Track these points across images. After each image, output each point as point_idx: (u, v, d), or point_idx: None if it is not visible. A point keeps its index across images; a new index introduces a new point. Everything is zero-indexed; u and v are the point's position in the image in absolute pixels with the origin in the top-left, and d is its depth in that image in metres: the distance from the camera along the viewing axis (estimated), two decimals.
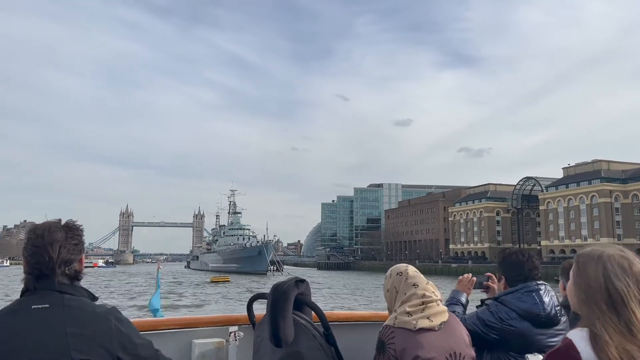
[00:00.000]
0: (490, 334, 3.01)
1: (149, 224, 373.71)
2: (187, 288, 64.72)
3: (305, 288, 2.79)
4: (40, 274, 1.99)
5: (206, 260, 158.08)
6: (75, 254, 2.08)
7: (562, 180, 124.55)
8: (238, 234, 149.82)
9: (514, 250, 3.33)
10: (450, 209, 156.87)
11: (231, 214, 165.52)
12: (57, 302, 1.93)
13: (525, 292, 3.08)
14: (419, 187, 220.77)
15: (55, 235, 2.03)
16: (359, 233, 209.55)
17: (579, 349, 1.55)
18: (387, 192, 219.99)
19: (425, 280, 2.62)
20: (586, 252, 1.74)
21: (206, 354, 3.11)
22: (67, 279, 2.03)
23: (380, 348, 2.46)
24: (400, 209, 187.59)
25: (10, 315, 1.93)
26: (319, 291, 56.26)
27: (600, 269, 1.64)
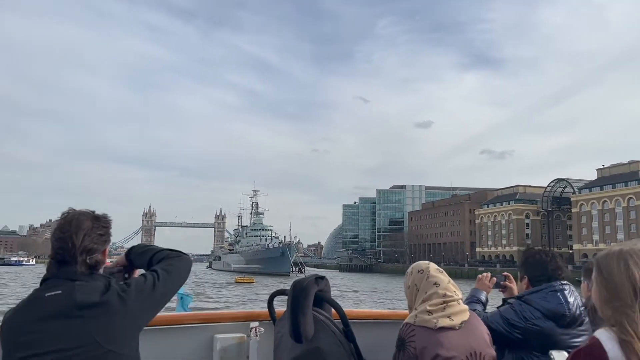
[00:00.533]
0: (514, 333, 3.00)
1: (171, 224, 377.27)
2: (212, 288, 63.55)
3: (325, 285, 2.79)
4: (62, 260, 2.04)
5: (228, 260, 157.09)
6: (100, 244, 2.11)
7: (596, 182, 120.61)
8: (260, 234, 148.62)
9: (537, 249, 3.32)
10: (477, 211, 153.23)
11: (253, 215, 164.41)
12: (68, 289, 1.97)
13: (550, 291, 3.07)
14: (442, 188, 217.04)
15: (82, 223, 2.08)
16: (382, 235, 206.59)
17: (606, 348, 1.54)
18: (410, 193, 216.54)
19: (447, 279, 2.60)
20: (604, 253, 1.73)
21: (227, 349, 3.17)
22: (87, 267, 2.05)
23: (401, 345, 2.47)
24: (424, 210, 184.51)
25: (27, 305, 1.99)
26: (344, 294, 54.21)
27: (622, 265, 1.62)
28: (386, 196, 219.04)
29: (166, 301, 2.18)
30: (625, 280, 1.59)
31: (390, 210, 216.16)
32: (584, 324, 3.05)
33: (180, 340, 3.18)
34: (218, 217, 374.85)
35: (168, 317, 3.25)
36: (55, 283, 2.00)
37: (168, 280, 2.15)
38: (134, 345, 2.05)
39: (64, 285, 1.98)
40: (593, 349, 1.57)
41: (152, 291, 2.08)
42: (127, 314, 2.00)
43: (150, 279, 2.12)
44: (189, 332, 3.20)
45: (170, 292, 2.18)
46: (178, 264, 2.25)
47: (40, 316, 1.92)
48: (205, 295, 51.45)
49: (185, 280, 2.31)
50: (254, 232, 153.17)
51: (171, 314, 3.55)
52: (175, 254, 2.29)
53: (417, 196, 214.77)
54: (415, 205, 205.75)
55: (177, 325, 3.18)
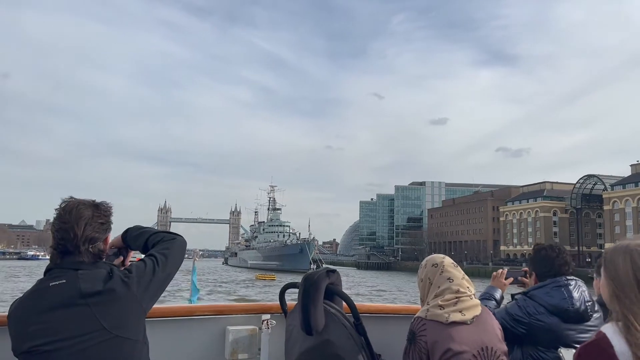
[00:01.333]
0: (519, 328, 3.02)
1: (186, 220, 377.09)
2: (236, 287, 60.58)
3: (336, 278, 2.82)
4: (65, 250, 2.07)
5: (245, 257, 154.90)
6: (101, 232, 2.13)
7: (631, 178, 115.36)
8: (278, 230, 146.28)
9: (545, 245, 3.33)
10: (501, 208, 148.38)
11: (271, 211, 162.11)
12: (72, 277, 2.00)
13: (554, 287, 3.08)
14: (463, 185, 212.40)
15: (82, 212, 2.09)
16: (400, 232, 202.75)
17: (613, 343, 1.55)
18: (429, 190, 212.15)
19: (461, 275, 2.60)
20: (612, 247, 1.74)
21: (239, 341, 3.23)
22: (90, 256, 2.09)
23: (412, 339, 2.48)
24: (444, 208, 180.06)
25: (32, 295, 2.02)
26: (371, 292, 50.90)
27: (629, 260, 1.63)
28: (405, 193, 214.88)
29: (166, 284, 2.22)
30: (631, 275, 1.61)
31: (409, 207, 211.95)
32: (592, 319, 2.99)
33: (193, 331, 3.22)
34: (233, 213, 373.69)
35: (181, 308, 3.36)
36: (58, 273, 2.03)
37: (167, 265, 2.19)
38: (140, 330, 2.10)
39: (68, 275, 2.01)
40: (600, 344, 1.58)
41: (153, 276, 2.12)
42: (131, 300, 2.03)
43: (150, 264, 2.15)
44: (201, 324, 3.25)
45: (170, 275, 2.22)
46: (173, 247, 2.27)
47: (46, 306, 1.95)
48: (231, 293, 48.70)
49: (182, 261, 2.32)
50: (272, 227, 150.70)
51: (184, 305, 3.64)
52: (170, 237, 2.32)
53: (437, 193, 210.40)
54: (435, 202, 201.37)
55: (190, 317, 3.23)
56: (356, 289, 59.69)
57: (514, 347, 2.95)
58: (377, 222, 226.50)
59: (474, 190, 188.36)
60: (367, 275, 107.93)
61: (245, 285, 64.95)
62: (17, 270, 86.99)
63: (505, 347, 2.53)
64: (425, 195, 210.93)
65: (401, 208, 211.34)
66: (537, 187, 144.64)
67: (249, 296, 49.37)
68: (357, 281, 76.92)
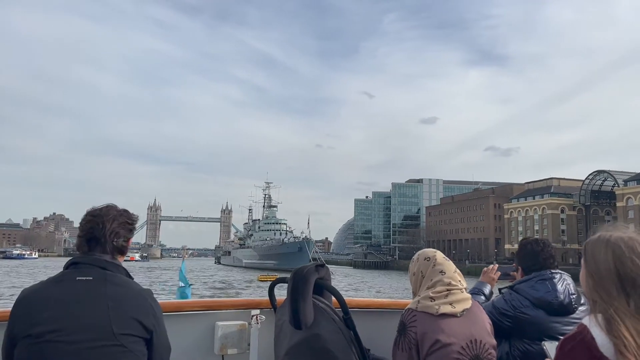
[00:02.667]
0: (505, 321, 3.07)
1: (176, 218, 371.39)
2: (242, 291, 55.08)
3: (325, 273, 2.83)
4: (92, 237, 2.19)
5: (239, 256, 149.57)
6: (126, 231, 2.29)
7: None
8: (274, 228, 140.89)
9: (530, 240, 3.38)
10: (505, 205, 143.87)
11: (266, 208, 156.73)
12: (100, 277, 2.08)
13: (538, 280, 3.14)
14: (461, 183, 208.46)
15: (111, 210, 2.28)
16: (397, 230, 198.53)
17: (594, 335, 1.55)
18: (427, 187, 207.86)
19: (453, 268, 2.62)
20: (594, 238, 1.72)
21: (229, 336, 3.24)
22: (114, 250, 2.22)
23: (402, 330, 2.51)
24: (443, 205, 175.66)
25: (56, 284, 2.07)
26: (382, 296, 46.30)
27: (610, 252, 1.62)
28: (402, 190, 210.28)
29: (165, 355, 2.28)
30: (612, 270, 1.60)
31: (406, 205, 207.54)
32: (577, 311, 3.04)
33: (182, 327, 3.21)
34: (224, 212, 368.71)
35: (170, 304, 3.34)
36: (87, 269, 2.11)
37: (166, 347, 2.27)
38: (144, 350, 2.12)
39: (96, 272, 2.09)
40: (581, 336, 1.58)
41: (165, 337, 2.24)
42: (146, 317, 2.11)
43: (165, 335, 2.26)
44: (190, 319, 3.26)
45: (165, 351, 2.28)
46: None
47: (68, 297, 2.00)
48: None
49: None
50: (267, 225, 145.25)
51: (173, 301, 3.61)
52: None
53: (435, 190, 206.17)
54: (433, 200, 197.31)
55: (179, 312, 3.23)
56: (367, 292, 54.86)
57: (501, 340, 2.93)
58: (373, 220, 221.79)
59: (473, 188, 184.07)
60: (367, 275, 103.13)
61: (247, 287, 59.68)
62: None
63: (494, 341, 2.54)
64: (422, 193, 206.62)
65: (398, 206, 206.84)
66: (544, 183, 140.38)
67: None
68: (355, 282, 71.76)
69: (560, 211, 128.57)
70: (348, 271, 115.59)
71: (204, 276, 75.38)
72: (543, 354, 2.55)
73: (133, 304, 2.08)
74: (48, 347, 1.92)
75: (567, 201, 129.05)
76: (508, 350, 3.07)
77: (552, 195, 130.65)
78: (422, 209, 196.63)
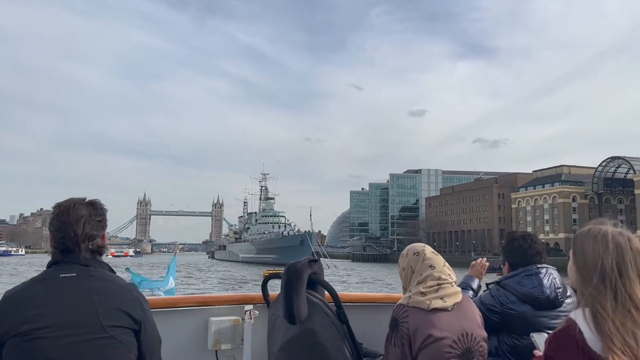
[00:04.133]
0: (492, 317, 3.08)
1: (167, 213, 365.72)
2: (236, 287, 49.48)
3: (319, 268, 2.86)
4: (66, 248, 2.12)
5: (235, 250, 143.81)
6: (99, 230, 2.20)
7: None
8: (273, 221, 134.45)
9: (518, 235, 3.35)
10: (512, 195, 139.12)
11: (263, 200, 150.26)
12: (83, 272, 2.07)
13: (525, 275, 3.15)
14: (460, 173, 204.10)
15: (79, 211, 2.15)
16: (395, 222, 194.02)
17: (582, 329, 1.56)
18: (425, 178, 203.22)
19: (443, 262, 2.64)
20: (584, 232, 1.72)
21: (222, 331, 3.27)
22: (90, 253, 2.16)
23: (394, 326, 2.51)
24: (443, 196, 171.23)
25: (40, 282, 2.06)
26: None
27: (598, 247, 1.62)
28: (400, 181, 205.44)
29: (156, 347, 2.26)
30: (599, 264, 1.60)
31: (405, 196, 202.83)
32: (564, 304, 3.06)
33: (176, 322, 3.24)
34: (215, 206, 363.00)
35: (163, 300, 3.43)
36: (68, 266, 2.08)
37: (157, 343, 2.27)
38: (134, 342, 2.11)
39: (78, 268, 2.07)
40: (569, 330, 1.58)
41: (154, 329, 2.23)
42: (134, 310, 2.10)
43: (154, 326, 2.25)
44: (184, 315, 3.28)
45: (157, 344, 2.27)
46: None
47: (53, 293, 1.99)
48: None
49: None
50: (265, 218, 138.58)
51: (166, 297, 3.64)
52: None
53: (434, 181, 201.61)
54: (432, 191, 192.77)
55: (173, 308, 3.26)
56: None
57: (490, 335, 2.90)
58: (369, 213, 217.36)
59: (473, 178, 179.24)
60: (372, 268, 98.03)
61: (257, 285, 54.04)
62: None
63: (485, 333, 2.58)
64: (421, 184, 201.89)
65: (396, 197, 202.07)
66: (553, 171, 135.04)
67: None
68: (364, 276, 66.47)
69: (571, 200, 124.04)
70: (349, 265, 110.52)
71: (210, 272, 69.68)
72: (531, 348, 2.55)
73: (119, 297, 2.07)
74: (37, 343, 1.91)
75: (578, 189, 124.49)
76: (497, 345, 3.09)
77: (563, 183, 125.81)
78: (420, 200, 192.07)
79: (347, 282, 53.71)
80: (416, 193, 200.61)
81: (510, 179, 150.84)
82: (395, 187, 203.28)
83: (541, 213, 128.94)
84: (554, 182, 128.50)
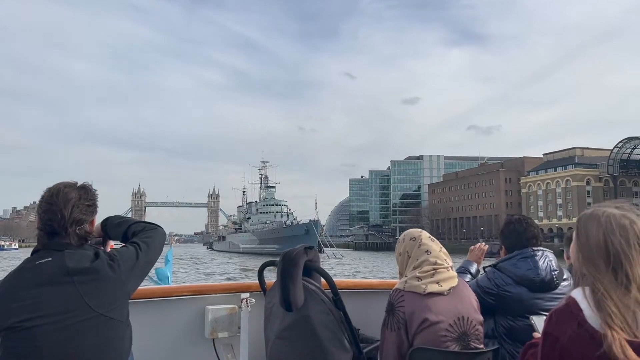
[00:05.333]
0: (489, 299, 3.15)
1: (162, 204, 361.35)
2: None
3: (314, 255, 2.90)
4: (52, 231, 2.07)
5: (235, 241, 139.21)
6: (88, 215, 2.15)
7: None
8: (275, 210, 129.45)
9: (513, 219, 3.44)
10: (522, 179, 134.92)
11: (263, 189, 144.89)
12: (58, 256, 2.02)
13: (520, 258, 3.21)
14: (462, 158, 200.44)
15: (69, 194, 2.10)
16: (397, 210, 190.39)
17: (582, 307, 1.59)
18: (427, 164, 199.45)
19: (439, 248, 2.67)
20: (587, 213, 1.75)
21: (219, 320, 3.30)
22: (77, 238, 2.10)
23: (390, 310, 2.55)
24: (447, 182, 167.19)
25: (17, 273, 2.03)
26: None
27: (601, 228, 1.65)
28: (401, 168, 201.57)
29: (147, 271, 2.27)
30: (602, 245, 1.62)
31: (407, 183, 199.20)
32: (559, 287, 3.12)
33: (172, 311, 3.29)
34: (211, 196, 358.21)
35: (160, 289, 3.44)
36: (45, 253, 2.05)
37: (149, 252, 2.23)
38: (124, 312, 2.11)
39: (54, 254, 2.03)
40: (570, 308, 1.62)
41: (137, 261, 2.15)
42: (116, 281, 2.05)
43: (132, 250, 2.18)
44: (180, 304, 3.31)
45: (151, 262, 2.27)
46: (155, 236, 2.31)
47: (32, 283, 1.96)
48: None
49: (162, 250, 2.37)
50: (266, 207, 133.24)
51: (163, 287, 3.70)
52: (152, 227, 2.36)
53: (436, 167, 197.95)
54: (434, 177, 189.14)
55: (169, 297, 3.29)
56: None
57: (486, 317, 2.96)
58: (370, 200, 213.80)
59: (477, 163, 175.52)
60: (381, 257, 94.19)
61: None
62: None
63: (481, 317, 2.61)
64: (423, 170, 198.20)
65: (398, 184, 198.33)
66: (565, 153, 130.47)
67: None
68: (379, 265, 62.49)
69: (585, 183, 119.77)
70: (354, 254, 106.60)
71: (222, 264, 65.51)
72: (527, 330, 2.56)
73: (100, 275, 2.02)
74: (29, 333, 1.89)
75: (592, 172, 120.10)
76: (493, 327, 3.17)
77: (577, 166, 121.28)
78: (423, 186, 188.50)
79: (361, 273, 49.38)
80: (418, 180, 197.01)
81: (516, 163, 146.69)
82: (396, 174, 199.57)
83: (553, 197, 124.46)
84: (567, 165, 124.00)
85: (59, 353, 1.91)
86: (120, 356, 2.07)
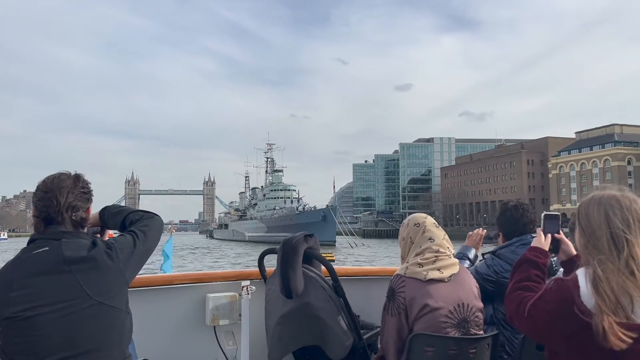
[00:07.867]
0: (488, 286, 3.17)
1: (156, 192, 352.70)
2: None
3: (314, 242, 2.93)
4: (48, 217, 2.08)
5: (239, 228, 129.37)
6: (83, 202, 2.16)
7: None
8: (284, 195, 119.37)
9: (510, 205, 3.45)
10: (553, 159, 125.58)
11: (270, 173, 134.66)
12: (55, 245, 2.03)
13: (519, 245, 3.25)
14: (474, 140, 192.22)
15: (63, 181, 2.13)
16: (407, 195, 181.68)
17: (580, 284, 1.67)
18: (438, 147, 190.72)
19: (442, 235, 2.67)
20: (588, 198, 1.79)
21: (220, 307, 3.34)
22: (72, 225, 2.11)
23: (391, 296, 2.57)
24: (460, 165, 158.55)
25: (14, 263, 2.03)
26: None
27: (602, 210, 1.69)
28: (411, 151, 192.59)
29: (146, 259, 2.28)
30: (604, 228, 1.66)
31: (416, 167, 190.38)
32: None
33: (173, 299, 3.33)
34: (207, 184, 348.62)
35: (160, 278, 3.49)
36: (41, 242, 2.05)
37: (146, 240, 2.24)
38: (124, 299, 2.12)
39: (51, 243, 2.03)
40: (569, 281, 1.70)
41: (134, 249, 2.17)
42: (114, 269, 2.06)
43: (130, 238, 2.20)
44: (181, 292, 3.35)
45: (149, 250, 2.28)
46: (152, 224, 2.33)
47: (30, 272, 1.96)
48: None
49: (159, 239, 2.38)
50: (274, 192, 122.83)
51: (164, 275, 3.73)
52: (149, 215, 2.38)
53: (447, 150, 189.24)
54: (445, 160, 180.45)
55: (170, 285, 3.33)
56: None
57: (485, 304, 2.96)
58: (375, 186, 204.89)
59: (493, 145, 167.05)
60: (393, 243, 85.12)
61: None
62: None
63: (481, 304, 2.63)
64: (433, 153, 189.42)
65: (407, 168, 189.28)
66: (602, 131, 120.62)
67: None
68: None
69: (627, 162, 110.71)
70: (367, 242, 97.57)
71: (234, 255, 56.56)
72: None
73: (94, 262, 2.02)
74: (31, 322, 1.90)
75: (635, 150, 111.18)
76: (492, 313, 3.20)
77: (617, 144, 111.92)
78: (433, 170, 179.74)
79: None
80: (428, 163, 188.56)
81: (539, 144, 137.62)
82: (405, 158, 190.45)
83: (589, 179, 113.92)
84: (605, 143, 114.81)
85: (59, 341, 1.91)
86: (121, 343, 2.08)
